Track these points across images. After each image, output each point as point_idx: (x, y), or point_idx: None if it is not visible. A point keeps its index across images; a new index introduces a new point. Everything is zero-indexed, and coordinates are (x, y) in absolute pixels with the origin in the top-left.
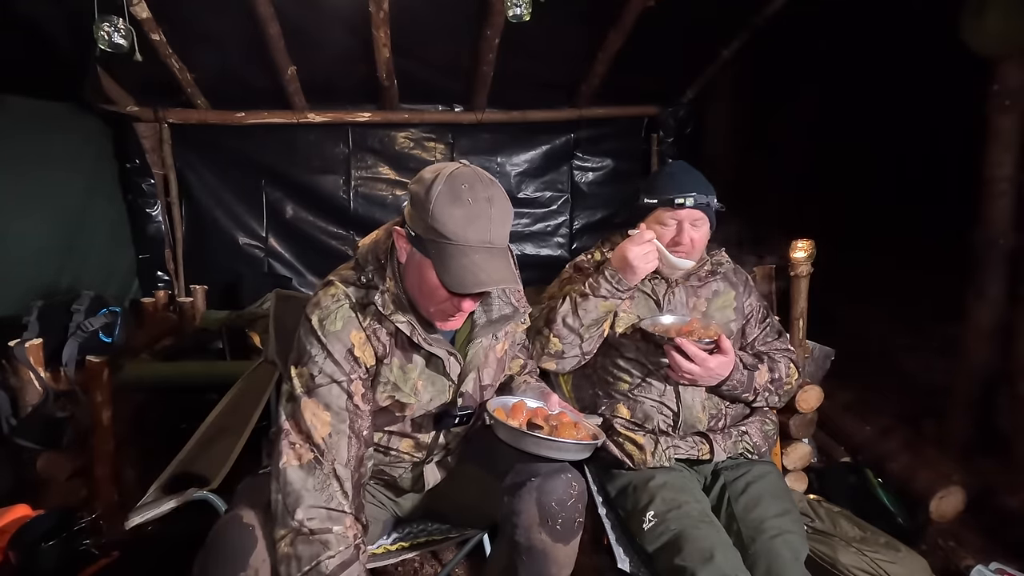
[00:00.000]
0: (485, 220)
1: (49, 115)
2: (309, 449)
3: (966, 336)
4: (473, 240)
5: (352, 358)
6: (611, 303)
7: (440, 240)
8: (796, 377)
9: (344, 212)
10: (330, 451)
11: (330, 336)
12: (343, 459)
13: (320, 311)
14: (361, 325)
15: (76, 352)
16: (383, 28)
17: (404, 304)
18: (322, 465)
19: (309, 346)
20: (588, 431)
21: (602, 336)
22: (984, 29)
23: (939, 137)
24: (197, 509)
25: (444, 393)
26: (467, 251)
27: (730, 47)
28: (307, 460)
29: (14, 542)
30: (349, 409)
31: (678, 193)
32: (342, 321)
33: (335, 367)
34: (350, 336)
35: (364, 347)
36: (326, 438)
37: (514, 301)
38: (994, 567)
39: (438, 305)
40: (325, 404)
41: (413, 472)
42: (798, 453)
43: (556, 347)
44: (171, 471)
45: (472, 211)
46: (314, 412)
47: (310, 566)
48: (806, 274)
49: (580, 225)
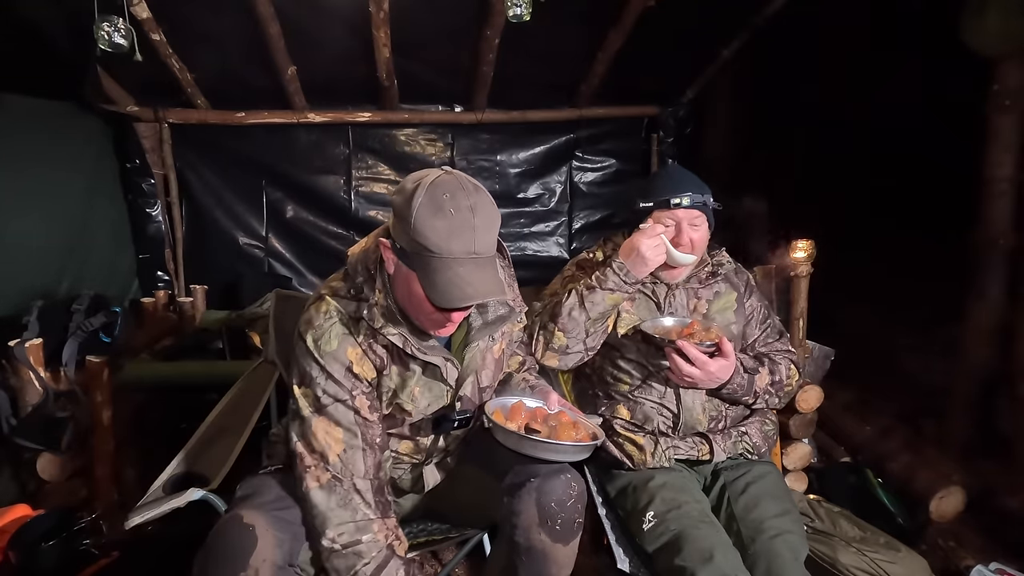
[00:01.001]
0: (469, 231)
1: (49, 114)
2: (325, 469)
3: (966, 336)
4: (458, 252)
5: (352, 375)
6: (618, 296)
7: (424, 253)
8: (796, 378)
9: (344, 212)
10: (347, 467)
11: (327, 357)
12: (360, 472)
13: (314, 331)
14: (356, 340)
15: (76, 352)
16: (383, 28)
17: (395, 316)
18: (342, 483)
19: (309, 368)
20: (588, 430)
21: (606, 332)
22: (984, 29)
23: (939, 137)
24: (197, 509)
25: (442, 398)
26: (452, 264)
27: (730, 47)
28: (326, 480)
29: (14, 542)
30: (358, 423)
31: (673, 194)
32: (337, 340)
33: (337, 387)
34: (346, 354)
35: (362, 362)
36: (341, 455)
37: (509, 301)
38: (994, 567)
39: (428, 316)
40: (335, 421)
41: (412, 473)
42: (798, 453)
43: (560, 341)
44: (171, 471)
45: (455, 222)
46: (326, 431)
47: None
48: (806, 274)
49: (579, 225)
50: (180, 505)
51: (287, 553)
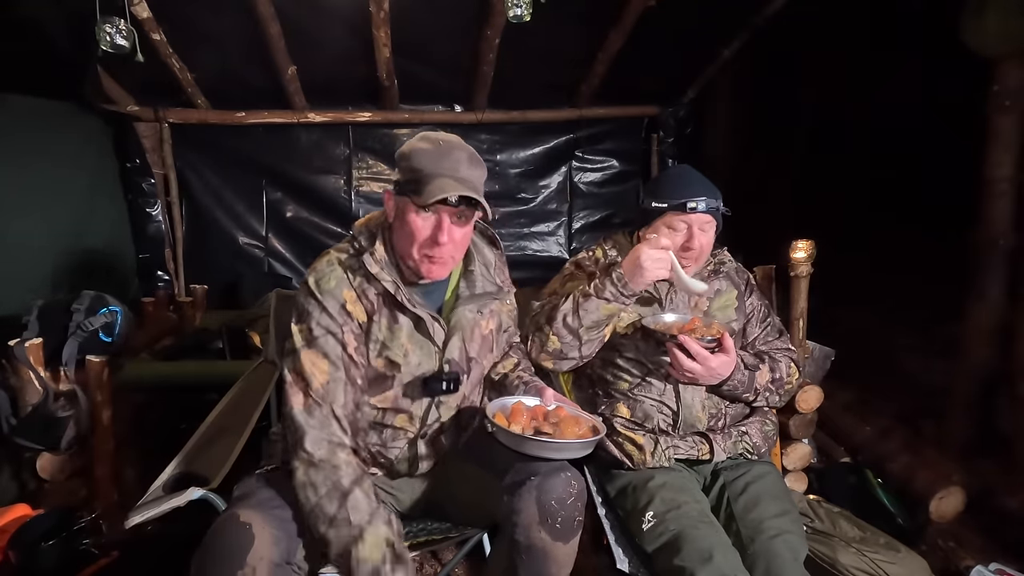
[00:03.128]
0: (455, 159)
1: (50, 113)
2: (308, 393)
3: (966, 336)
4: (445, 170)
5: (345, 312)
6: (613, 307)
7: (416, 175)
8: (797, 377)
9: (345, 212)
10: (328, 395)
11: (325, 293)
12: (340, 402)
13: (316, 273)
14: (352, 284)
15: (76, 352)
16: (383, 28)
17: (390, 267)
18: (321, 407)
19: (307, 304)
20: (588, 424)
21: (602, 341)
22: (984, 29)
23: (939, 137)
24: (197, 509)
25: (431, 358)
26: (438, 178)
27: (730, 47)
28: (309, 403)
29: (14, 542)
30: (344, 359)
31: (689, 197)
32: (335, 280)
33: (330, 320)
34: (343, 293)
35: (355, 304)
36: (324, 385)
37: (498, 280)
38: (994, 567)
39: (420, 246)
40: (323, 353)
41: (409, 452)
42: (798, 453)
43: (555, 345)
44: (171, 471)
45: (442, 149)
46: (313, 362)
47: (327, 487)
48: (806, 274)
49: (579, 225)
50: (180, 504)
51: (284, 551)
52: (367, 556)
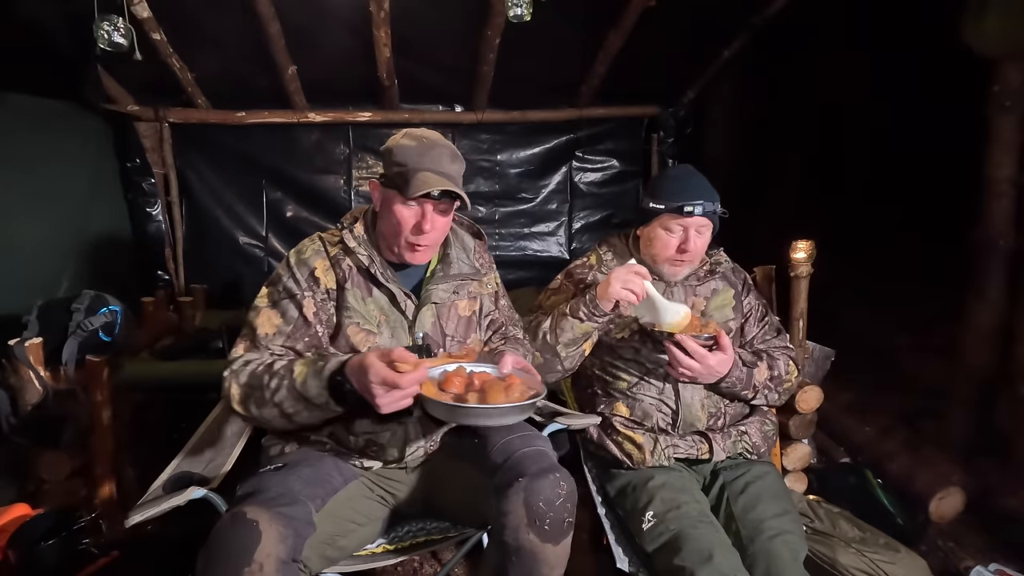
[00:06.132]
0: (437, 154)
1: (50, 112)
2: (253, 340)
3: (966, 337)
4: (427, 165)
5: (313, 279)
6: (587, 326)
7: (402, 169)
8: (796, 375)
9: (344, 211)
10: (270, 345)
11: (299, 262)
12: (279, 352)
13: (298, 248)
14: (327, 255)
15: (76, 351)
16: (384, 28)
17: (368, 244)
18: (260, 351)
19: (280, 271)
20: (522, 390)
21: (583, 356)
22: (984, 30)
23: (939, 137)
24: (197, 508)
25: (404, 331)
26: (421, 173)
27: (730, 47)
28: (248, 347)
29: (14, 541)
30: (297, 324)
31: (687, 201)
32: (311, 252)
33: (294, 284)
34: (315, 262)
35: (327, 272)
36: (268, 334)
37: (476, 264)
38: (994, 568)
39: (405, 237)
40: (280, 312)
41: (399, 434)
42: (798, 453)
43: (537, 361)
44: (171, 470)
45: (425, 146)
46: (268, 317)
47: (264, 373)
48: (806, 274)
49: (579, 225)
50: (180, 503)
51: (291, 548)
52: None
